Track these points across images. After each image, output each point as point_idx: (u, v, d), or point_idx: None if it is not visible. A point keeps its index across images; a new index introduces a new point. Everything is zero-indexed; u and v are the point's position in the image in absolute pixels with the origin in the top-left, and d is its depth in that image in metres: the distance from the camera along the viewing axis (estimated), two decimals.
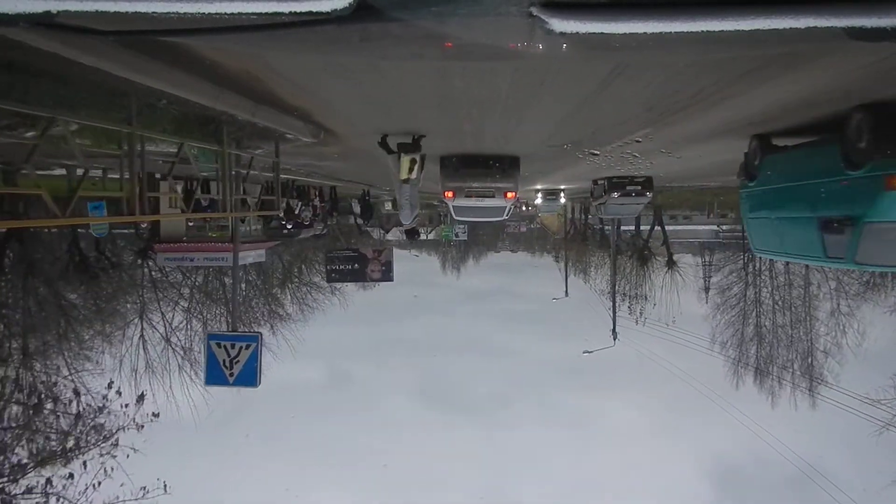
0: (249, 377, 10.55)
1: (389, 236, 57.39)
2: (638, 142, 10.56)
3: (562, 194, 28.44)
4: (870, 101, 6.39)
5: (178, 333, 26.11)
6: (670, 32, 2.20)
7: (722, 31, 2.16)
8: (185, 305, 27.29)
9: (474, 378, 46.18)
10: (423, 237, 62.41)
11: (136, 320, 25.46)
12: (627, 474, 34.03)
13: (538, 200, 30.05)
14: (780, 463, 27.86)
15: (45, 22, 2.36)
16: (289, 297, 32.90)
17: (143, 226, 23.61)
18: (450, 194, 12.30)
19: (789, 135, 8.29)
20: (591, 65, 5.28)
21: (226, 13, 2.27)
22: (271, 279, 31.71)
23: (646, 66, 5.40)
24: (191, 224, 20.38)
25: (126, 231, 25.38)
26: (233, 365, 10.39)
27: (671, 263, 35.63)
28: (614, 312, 33.71)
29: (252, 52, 5.00)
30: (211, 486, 31.14)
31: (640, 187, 17.79)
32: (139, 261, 25.48)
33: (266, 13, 2.28)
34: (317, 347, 36.56)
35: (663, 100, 6.91)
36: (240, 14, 2.27)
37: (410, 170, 9.16)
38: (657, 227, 36.23)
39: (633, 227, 37.40)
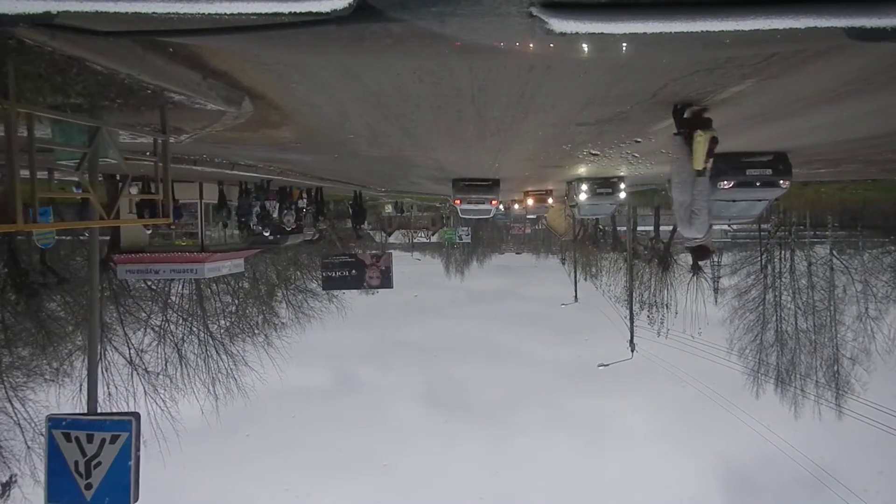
0: (118, 490, 6.82)
1: (392, 239, 57.72)
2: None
3: (622, 185, 19.10)
4: None
5: (143, 356, 24.94)
6: (670, 32, 2.33)
7: (722, 31, 2.29)
8: (158, 323, 26.04)
9: (476, 384, 46.52)
10: (427, 240, 62.84)
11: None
12: (638, 486, 34.08)
13: (582, 196, 19.51)
14: (806, 478, 27.86)
15: (44, 22, 2.50)
16: (284, 304, 33.04)
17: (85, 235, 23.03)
18: (458, 202, 19.30)
19: None
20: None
21: (226, 13, 2.39)
22: (259, 287, 31.73)
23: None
24: (148, 231, 19.13)
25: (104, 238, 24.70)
26: (90, 470, 6.85)
27: (696, 269, 34.76)
28: (631, 322, 33.16)
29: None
30: (210, 485, 31.58)
31: (769, 171, 12.27)
32: (98, 274, 24.65)
33: (266, 13, 2.40)
34: (317, 349, 37.14)
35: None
36: (240, 14, 2.40)
37: (709, 154, 6.76)
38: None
39: (651, 228, 36.96)
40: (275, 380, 28.79)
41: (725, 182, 12.12)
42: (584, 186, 18.91)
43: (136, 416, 7.11)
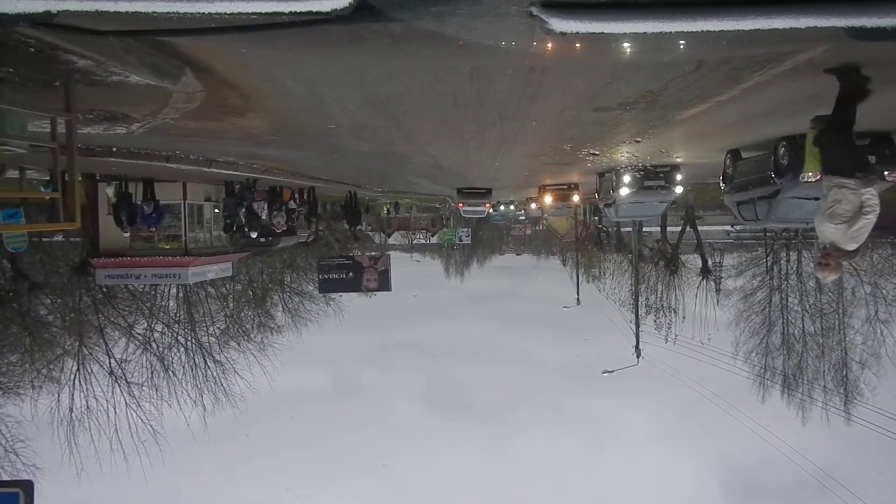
0: None
1: (392, 240, 57.88)
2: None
3: (678, 176, 14.91)
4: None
5: (126, 365, 24.21)
6: (670, 32, 2.39)
7: (722, 31, 2.35)
8: (142, 331, 25.40)
9: (477, 386, 47.07)
10: (427, 241, 63.04)
11: (73, 351, 23.02)
12: (639, 488, 34.25)
13: (623, 191, 15.36)
14: (810, 480, 27.94)
15: (44, 22, 2.56)
16: (280, 307, 33.14)
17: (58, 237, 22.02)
18: (461, 205, 25.85)
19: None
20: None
21: (226, 13, 2.46)
22: (253, 291, 31.79)
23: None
24: (126, 235, 18.33)
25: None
26: None
27: (706, 272, 33.91)
28: (637, 327, 32.88)
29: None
30: (210, 485, 31.86)
31: (873, 157, 8.60)
32: (76, 279, 22.74)
33: (266, 13, 2.47)
34: (316, 350, 37.38)
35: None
36: (240, 14, 2.46)
37: None
38: (688, 230, 33.90)
39: (657, 229, 36.71)
40: (273, 381, 28.88)
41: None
42: (627, 178, 14.89)
43: (27, 485, 5.62)
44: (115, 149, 10.82)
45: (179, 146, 11.60)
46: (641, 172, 14.72)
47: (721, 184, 12.55)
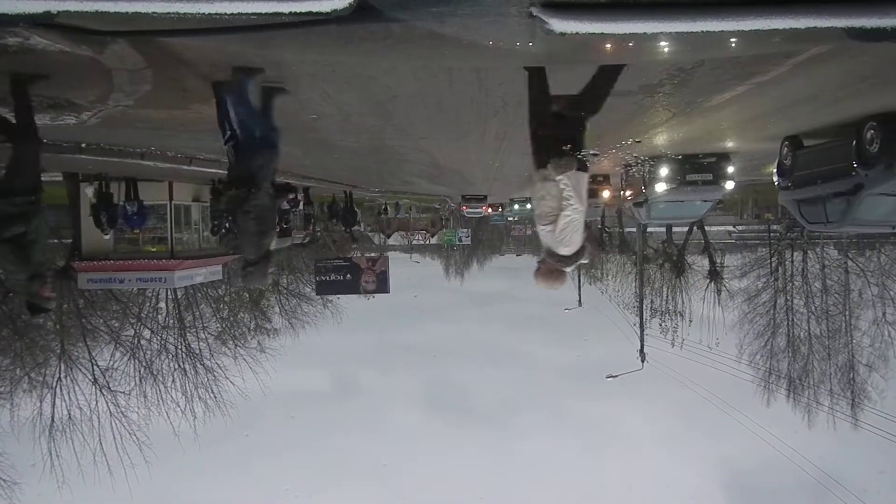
0: None
1: (391, 241, 57.96)
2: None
3: (729, 168, 12.58)
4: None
5: (111, 373, 23.81)
6: (670, 32, 2.44)
7: (722, 31, 2.40)
8: (129, 336, 24.94)
9: (477, 387, 47.50)
10: (426, 242, 63.12)
11: (55, 359, 22.67)
12: (641, 492, 34.36)
13: (659, 187, 13.16)
14: (813, 483, 27.99)
15: (44, 22, 2.60)
16: (277, 309, 33.15)
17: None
18: (464, 207, 37.69)
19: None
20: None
21: (226, 13, 2.50)
22: (244, 293, 31.80)
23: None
24: (107, 237, 17.86)
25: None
26: None
27: (714, 274, 33.49)
28: (642, 331, 32.73)
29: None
30: (210, 485, 32.15)
31: None
32: (59, 284, 20.95)
33: (266, 13, 2.51)
34: (315, 352, 37.76)
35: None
36: (240, 14, 2.50)
37: None
38: (696, 230, 33.66)
39: (662, 229, 36.61)
40: (271, 383, 28.99)
41: None
42: (665, 170, 12.54)
43: None
44: (83, 144, 10.29)
45: (152, 141, 10.87)
46: (683, 163, 12.38)
47: (775, 178, 10.63)
